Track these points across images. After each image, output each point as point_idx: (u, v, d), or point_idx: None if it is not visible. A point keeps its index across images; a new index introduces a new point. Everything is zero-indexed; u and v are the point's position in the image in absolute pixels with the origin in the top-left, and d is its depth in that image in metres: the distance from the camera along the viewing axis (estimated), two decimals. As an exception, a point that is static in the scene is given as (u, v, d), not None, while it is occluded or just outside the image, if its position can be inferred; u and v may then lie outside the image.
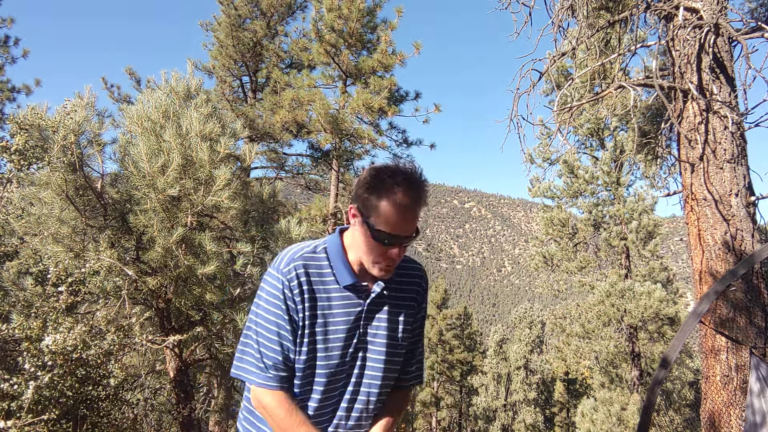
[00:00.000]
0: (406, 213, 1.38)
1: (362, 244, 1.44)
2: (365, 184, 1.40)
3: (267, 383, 1.47)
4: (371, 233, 1.40)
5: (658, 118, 5.69)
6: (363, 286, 1.52)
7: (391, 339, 1.58)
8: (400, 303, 1.59)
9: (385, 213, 1.37)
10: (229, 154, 4.58)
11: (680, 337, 3.48)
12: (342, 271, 1.50)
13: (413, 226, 1.42)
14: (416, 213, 1.40)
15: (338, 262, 1.50)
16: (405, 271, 1.62)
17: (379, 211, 1.37)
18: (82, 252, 4.17)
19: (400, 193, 1.36)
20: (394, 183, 1.37)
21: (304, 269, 1.47)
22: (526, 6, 5.17)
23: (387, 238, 1.39)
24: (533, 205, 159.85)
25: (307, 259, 1.49)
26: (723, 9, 4.22)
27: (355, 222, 1.45)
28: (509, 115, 5.18)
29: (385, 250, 1.42)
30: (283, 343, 1.47)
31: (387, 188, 1.37)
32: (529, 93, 5.19)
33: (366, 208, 1.40)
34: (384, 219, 1.37)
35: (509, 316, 32.28)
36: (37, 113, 4.46)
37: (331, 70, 11.41)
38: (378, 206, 1.37)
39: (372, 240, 1.40)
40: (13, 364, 3.86)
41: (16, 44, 13.86)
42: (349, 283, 1.50)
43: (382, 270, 1.46)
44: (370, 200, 1.38)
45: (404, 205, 1.37)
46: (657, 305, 13.06)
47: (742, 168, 4.17)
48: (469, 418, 28.37)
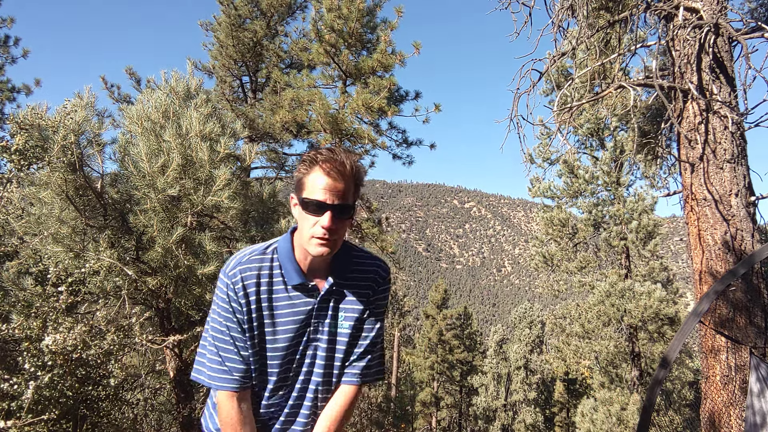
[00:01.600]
0: (329, 179, 1.43)
1: (301, 227, 1.49)
2: (297, 168, 1.50)
3: (223, 385, 1.52)
4: (301, 205, 1.46)
5: (658, 118, 5.69)
6: (312, 286, 1.54)
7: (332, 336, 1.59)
8: (352, 299, 1.60)
9: (311, 183, 1.44)
10: (229, 154, 4.58)
11: (680, 337, 3.48)
12: (290, 272, 1.52)
13: (341, 196, 1.44)
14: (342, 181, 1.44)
15: (287, 263, 1.53)
16: (360, 267, 1.62)
17: (305, 184, 1.45)
18: (82, 252, 4.17)
19: (321, 162, 1.44)
20: (316, 156, 1.45)
21: (249, 272, 1.51)
22: (526, 6, 5.17)
23: (314, 205, 1.43)
24: (533, 205, 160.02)
25: (254, 261, 1.53)
26: (723, 9, 4.22)
27: (294, 209, 1.51)
28: (509, 115, 5.18)
29: (317, 220, 1.44)
30: (237, 344, 1.51)
31: (310, 161, 1.45)
32: (529, 93, 5.19)
33: (298, 189, 1.48)
34: (310, 189, 1.44)
35: (509, 316, 32.29)
36: (37, 113, 4.46)
37: (331, 70, 11.41)
38: (304, 180, 1.46)
39: (304, 213, 1.46)
40: (13, 364, 3.86)
41: (16, 44, 13.87)
42: (297, 283, 1.52)
43: (319, 244, 1.46)
44: (300, 180, 1.47)
45: (326, 171, 1.43)
46: (657, 305, 13.06)
47: (742, 168, 4.17)
48: (469, 418, 28.37)
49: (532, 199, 16.12)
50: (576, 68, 5.80)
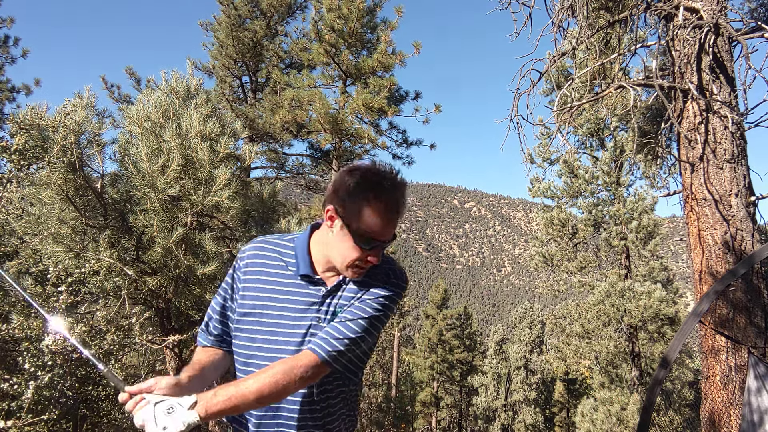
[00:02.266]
0: (390, 219, 1.38)
1: (337, 246, 1.43)
2: (347, 188, 1.38)
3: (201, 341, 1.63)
4: (353, 238, 1.39)
5: (658, 118, 5.69)
6: (318, 279, 1.52)
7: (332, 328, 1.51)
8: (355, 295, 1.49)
9: (369, 218, 1.36)
10: (229, 154, 4.58)
11: (680, 337, 3.48)
12: (301, 262, 1.52)
13: (393, 231, 1.42)
14: (399, 218, 1.41)
15: (301, 254, 1.53)
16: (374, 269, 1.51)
17: (362, 216, 1.36)
18: (82, 252, 4.17)
19: (387, 198, 1.37)
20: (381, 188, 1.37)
21: (263, 251, 1.55)
22: (526, 6, 5.17)
23: (368, 239, 1.38)
24: (533, 205, 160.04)
25: (270, 243, 1.57)
26: (723, 9, 4.22)
27: (332, 224, 1.43)
28: (509, 115, 5.18)
29: (365, 255, 1.41)
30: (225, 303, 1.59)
31: (374, 193, 1.36)
32: (529, 93, 5.19)
33: (347, 211, 1.38)
34: (367, 224, 1.37)
35: (509, 316, 32.29)
36: (37, 113, 4.46)
37: (331, 70, 11.41)
38: (361, 211, 1.36)
39: (353, 244, 1.39)
40: (13, 364, 3.86)
41: (16, 44, 13.86)
42: (304, 273, 1.50)
43: (357, 273, 1.45)
44: (353, 205, 1.37)
45: (390, 209, 1.37)
46: (657, 305, 13.06)
47: (742, 168, 4.17)
48: (469, 418, 28.37)
49: (532, 199, 16.13)
50: (576, 68, 5.80)
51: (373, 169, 1.41)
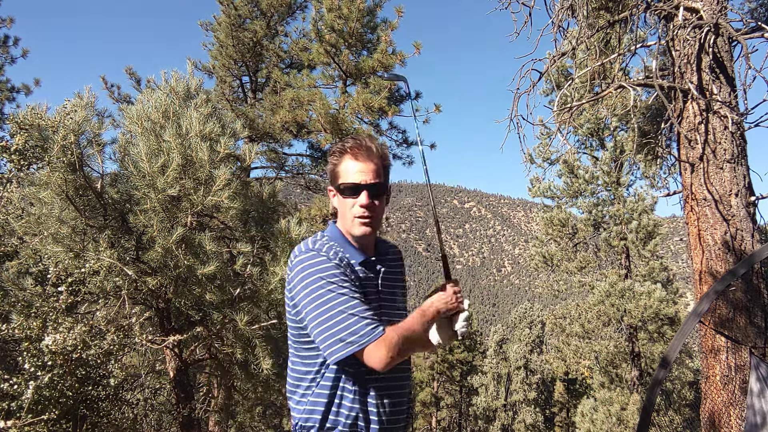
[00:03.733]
0: (360, 162, 1.56)
1: (341, 212, 1.61)
2: (328, 159, 1.64)
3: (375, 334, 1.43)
4: (339, 192, 1.59)
5: (658, 118, 5.68)
6: (373, 262, 1.64)
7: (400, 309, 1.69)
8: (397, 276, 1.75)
9: (344, 169, 1.58)
10: (229, 154, 4.58)
11: (680, 337, 3.48)
12: (352, 251, 1.60)
13: (373, 176, 1.56)
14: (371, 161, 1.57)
15: (345, 245, 1.61)
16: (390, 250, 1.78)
17: (339, 172, 1.59)
18: (82, 252, 4.16)
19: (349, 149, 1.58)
20: (343, 145, 1.60)
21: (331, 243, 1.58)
22: (526, 6, 5.17)
23: (350, 189, 1.55)
24: (533, 205, 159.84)
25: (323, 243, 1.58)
26: (723, 9, 4.22)
27: (334, 199, 1.63)
28: (509, 115, 5.18)
29: (355, 201, 1.56)
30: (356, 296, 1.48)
31: (340, 151, 1.60)
32: (529, 93, 5.19)
33: (333, 179, 1.61)
34: (344, 175, 1.57)
35: (509, 316, 32.28)
36: (36, 113, 4.46)
37: (331, 70, 11.41)
38: (337, 168, 1.59)
39: (343, 199, 1.58)
40: (13, 364, 3.86)
41: (15, 44, 13.85)
42: (362, 260, 1.61)
43: (361, 224, 1.57)
44: (333, 170, 1.61)
45: (355, 156, 1.56)
46: (657, 305, 13.06)
47: (742, 168, 4.17)
48: (469, 418, 28.37)
49: (532, 199, 16.12)
50: (576, 68, 5.79)
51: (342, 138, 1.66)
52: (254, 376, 5.56)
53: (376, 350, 1.41)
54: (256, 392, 6.16)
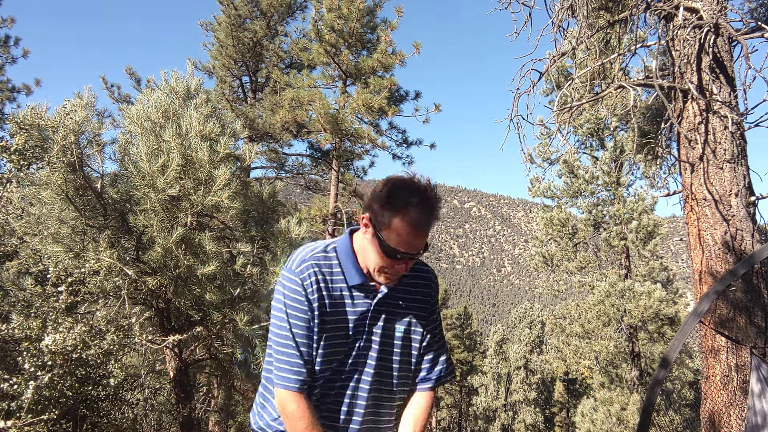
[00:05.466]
0: (418, 232, 1.39)
1: (370, 253, 1.47)
2: (380, 198, 1.41)
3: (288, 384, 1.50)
4: (381, 247, 1.42)
5: (658, 118, 5.68)
6: (371, 286, 1.55)
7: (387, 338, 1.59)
8: (407, 305, 1.61)
9: (397, 231, 1.38)
10: (229, 154, 4.57)
11: (680, 337, 3.48)
12: (351, 271, 1.52)
13: (423, 244, 1.44)
14: (428, 232, 1.42)
15: (347, 263, 1.53)
16: (414, 273, 1.63)
17: (391, 228, 1.39)
18: (82, 252, 4.16)
19: (414, 213, 1.37)
20: (408, 202, 1.37)
21: (314, 269, 1.50)
22: (526, 6, 5.17)
23: (397, 254, 1.42)
24: (533, 205, 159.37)
25: (318, 259, 1.52)
26: (723, 9, 4.22)
27: (366, 231, 1.47)
28: (509, 115, 5.18)
29: (393, 264, 1.44)
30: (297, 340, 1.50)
31: (401, 206, 1.37)
32: (529, 93, 5.19)
33: (378, 221, 1.41)
34: (396, 236, 1.39)
35: (509, 316, 32.28)
36: (36, 113, 4.46)
37: (331, 70, 11.41)
38: (391, 223, 1.38)
39: (382, 253, 1.43)
40: (13, 364, 3.86)
41: (16, 44, 13.86)
42: (358, 283, 1.52)
43: (387, 279, 1.50)
44: (383, 215, 1.39)
45: (417, 225, 1.38)
46: (657, 305, 13.06)
47: (742, 168, 4.17)
48: (469, 418, 28.36)
49: (532, 199, 16.12)
50: (576, 68, 5.79)
51: (407, 182, 1.41)
52: (254, 376, 5.56)
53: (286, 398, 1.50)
54: (256, 392, 6.16)
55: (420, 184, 1.41)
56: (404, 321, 1.61)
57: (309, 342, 1.50)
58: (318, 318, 1.49)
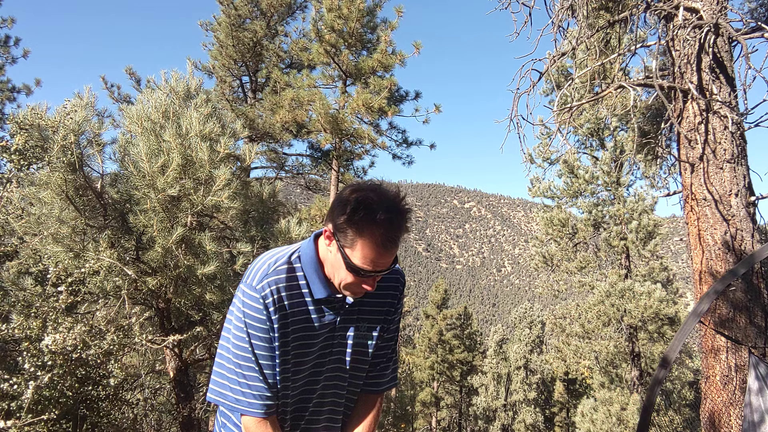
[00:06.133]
0: (386, 251, 1.30)
1: (335, 267, 1.37)
2: (342, 214, 1.29)
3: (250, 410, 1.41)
4: (346, 265, 1.32)
5: (658, 118, 5.69)
6: (336, 298, 1.46)
7: (360, 347, 1.54)
8: (374, 310, 1.54)
9: (363, 250, 1.28)
10: (229, 154, 4.57)
11: (680, 337, 3.48)
12: (316, 284, 1.42)
13: (391, 260, 1.34)
14: (396, 248, 1.32)
15: (312, 275, 1.42)
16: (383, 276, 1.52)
17: (356, 246, 1.29)
18: (82, 252, 4.16)
19: (381, 230, 1.26)
20: (374, 220, 1.26)
21: (276, 285, 1.39)
22: (526, 6, 5.17)
23: (362, 272, 1.32)
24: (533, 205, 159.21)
25: (279, 273, 1.41)
26: (723, 9, 4.22)
27: (329, 243, 1.37)
28: (509, 115, 5.18)
29: (360, 281, 1.35)
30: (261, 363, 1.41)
31: (367, 224, 1.26)
32: (529, 93, 5.18)
33: (342, 238, 1.31)
34: (361, 255, 1.29)
35: (509, 316, 32.29)
36: (37, 113, 4.46)
37: (331, 70, 11.41)
38: (356, 241, 1.28)
39: (345, 268, 1.33)
40: (13, 364, 3.86)
41: (16, 44, 13.87)
42: (323, 296, 1.43)
43: (354, 293, 1.41)
44: (347, 232, 1.29)
45: (384, 243, 1.28)
46: (657, 305, 13.06)
47: (742, 168, 4.17)
48: (469, 418, 28.37)
49: (532, 199, 16.13)
50: (576, 68, 5.80)
51: (371, 197, 1.29)
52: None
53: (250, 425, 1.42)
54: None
55: (387, 196, 1.29)
56: (374, 327, 1.54)
57: (272, 363, 1.41)
58: (279, 337, 1.40)
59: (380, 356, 1.62)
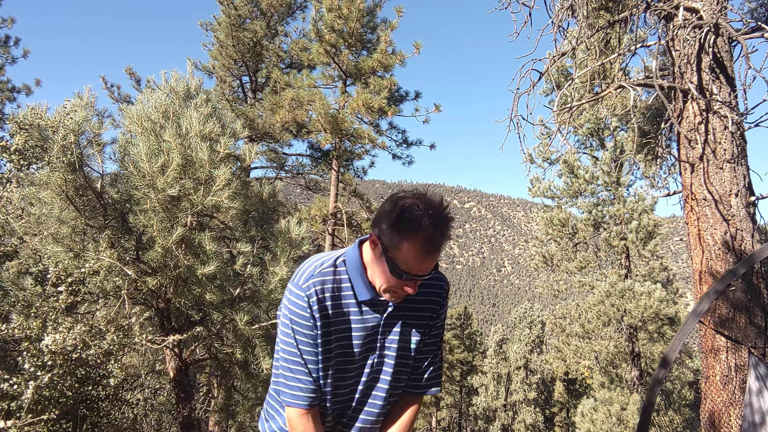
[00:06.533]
0: (429, 256, 1.35)
1: (378, 270, 1.43)
2: (389, 219, 1.35)
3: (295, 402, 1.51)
4: (389, 268, 1.38)
5: (658, 118, 5.69)
6: (381, 301, 1.51)
7: (404, 351, 1.58)
8: (418, 314, 1.58)
9: (407, 254, 1.33)
10: (229, 154, 4.57)
11: (680, 337, 3.48)
12: (360, 286, 1.48)
13: (432, 266, 1.39)
14: (438, 254, 1.37)
15: (357, 277, 1.49)
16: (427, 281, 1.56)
17: (400, 250, 1.34)
18: (82, 252, 4.16)
19: (425, 236, 1.31)
20: (420, 226, 1.31)
21: (322, 285, 1.46)
22: (526, 6, 5.17)
23: (405, 276, 1.37)
24: (533, 205, 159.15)
25: (325, 274, 1.48)
26: (723, 9, 4.22)
27: (374, 248, 1.43)
28: (509, 115, 5.18)
29: (401, 284, 1.40)
30: (305, 358, 1.49)
31: (413, 230, 1.31)
32: (529, 93, 5.18)
33: (388, 242, 1.36)
34: (405, 259, 1.34)
35: (509, 316, 32.29)
36: (36, 113, 4.46)
37: (331, 70, 11.41)
38: (400, 245, 1.33)
39: (390, 272, 1.39)
40: (13, 364, 3.86)
41: (16, 44, 13.87)
42: (367, 299, 1.49)
43: (394, 297, 1.46)
44: (392, 237, 1.34)
45: (428, 249, 1.33)
46: (657, 305, 13.06)
47: (742, 168, 4.17)
48: (469, 418, 28.37)
49: (532, 199, 16.13)
50: (576, 68, 5.79)
51: (417, 204, 1.34)
52: (254, 376, 5.56)
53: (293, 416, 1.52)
54: (256, 392, 6.16)
55: (432, 204, 1.35)
56: (418, 332, 1.58)
57: (315, 359, 1.49)
58: (322, 335, 1.47)
59: (421, 360, 1.65)
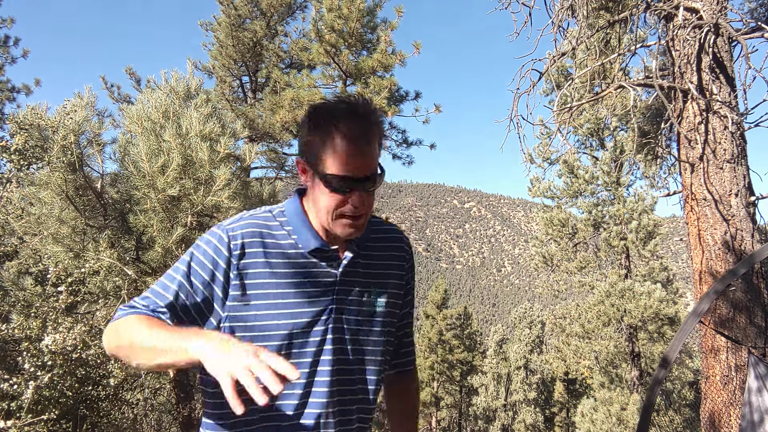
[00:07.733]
0: (356, 145, 1.14)
1: (319, 201, 1.20)
2: (306, 128, 1.18)
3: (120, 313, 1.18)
4: (323, 181, 1.16)
5: (658, 118, 5.69)
6: (332, 251, 1.26)
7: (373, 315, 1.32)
8: (380, 273, 1.34)
9: (333, 152, 1.14)
10: (229, 154, 4.58)
11: (680, 337, 3.48)
12: (305, 235, 1.25)
13: (370, 164, 1.17)
14: (369, 146, 1.17)
15: (300, 226, 1.26)
16: (383, 235, 1.38)
17: (326, 153, 1.15)
18: (82, 252, 4.17)
19: (345, 124, 1.14)
20: (334, 116, 1.15)
21: (254, 228, 1.24)
22: (526, 6, 5.17)
23: (340, 182, 1.15)
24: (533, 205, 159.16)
25: (259, 219, 1.26)
26: (723, 9, 4.22)
27: (306, 178, 1.23)
28: (509, 115, 5.18)
29: (344, 198, 1.17)
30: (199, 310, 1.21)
31: (328, 125, 1.15)
32: (529, 93, 5.19)
33: (312, 155, 1.17)
34: (332, 160, 1.14)
35: (509, 316, 32.29)
36: (36, 113, 4.46)
37: (331, 70, 11.41)
38: (324, 146, 1.15)
39: (326, 190, 1.17)
40: (13, 364, 3.86)
41: (16, 44, 13.87)
42: (315, 247, 1.24)
43: (347, 225, 1.20)
44: (314, 144, 1.16)
45: (352, 137, 1.14)
46: (657, 305, 13.06)
47: (742, 168, 4.17)
48: (469, 418, 28.38)
49: (532, 199, 16.14)
50: (576, 68, 5.80)
51: (330, 100, 1.21)
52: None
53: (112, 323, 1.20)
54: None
55: (345, 96, 1.21)
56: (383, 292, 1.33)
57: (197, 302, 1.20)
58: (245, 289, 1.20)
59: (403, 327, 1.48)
